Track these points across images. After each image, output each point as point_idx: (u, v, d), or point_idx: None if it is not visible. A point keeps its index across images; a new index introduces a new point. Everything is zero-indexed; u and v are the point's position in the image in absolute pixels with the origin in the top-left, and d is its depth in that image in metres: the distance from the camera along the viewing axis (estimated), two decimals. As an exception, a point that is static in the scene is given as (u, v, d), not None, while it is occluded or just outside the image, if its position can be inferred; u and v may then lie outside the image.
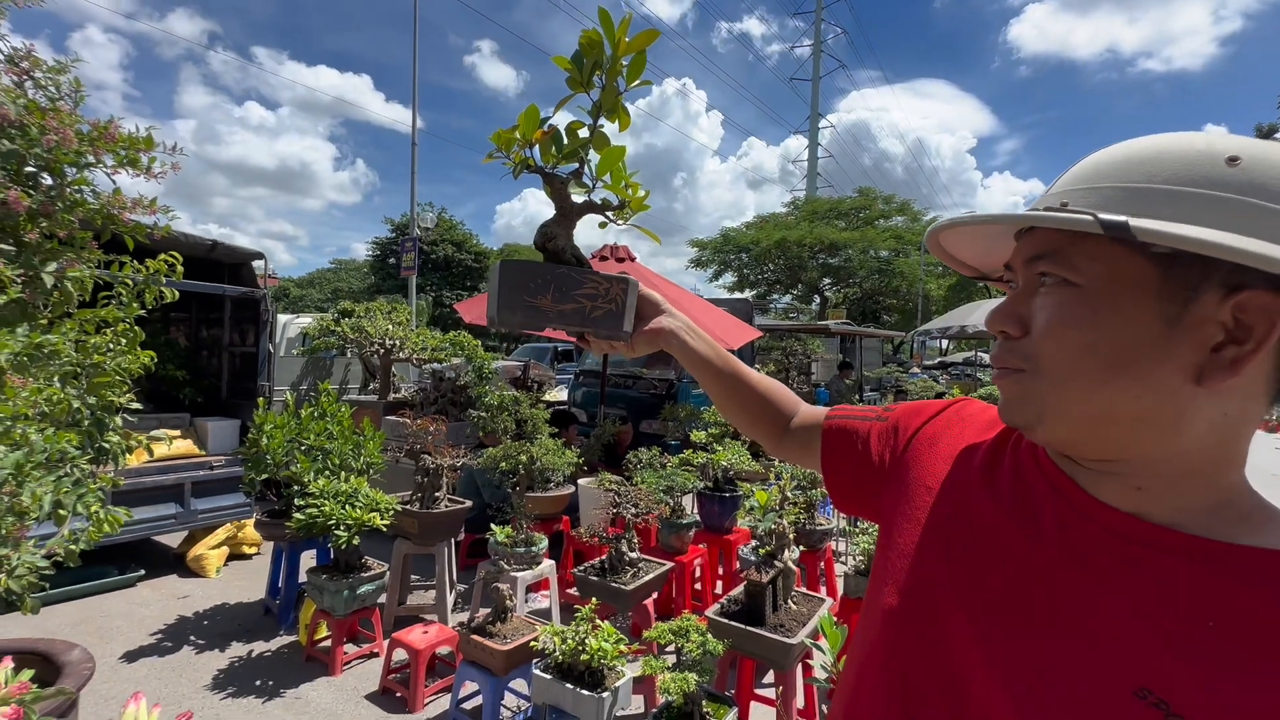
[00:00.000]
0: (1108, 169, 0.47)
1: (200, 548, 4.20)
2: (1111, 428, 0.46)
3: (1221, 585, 0.42)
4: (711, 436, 4.41)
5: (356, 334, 5.87)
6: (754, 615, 2.32)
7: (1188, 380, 0.43)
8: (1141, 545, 0.46)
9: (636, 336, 0.79)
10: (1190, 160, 0.43)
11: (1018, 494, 0.54)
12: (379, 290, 32.08)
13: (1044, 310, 0.48)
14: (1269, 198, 0.41)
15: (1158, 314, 0.43)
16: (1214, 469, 0.46)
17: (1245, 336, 0.41)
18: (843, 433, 0.76)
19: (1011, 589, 0.50)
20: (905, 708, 0.54)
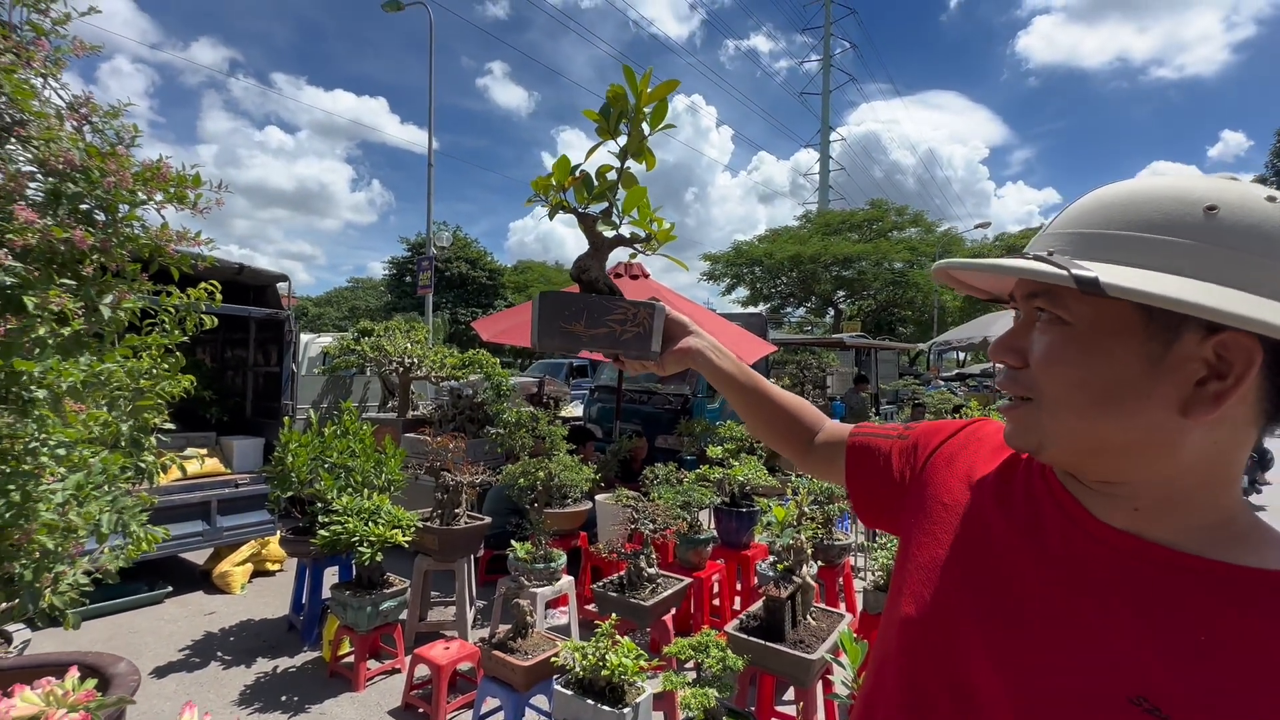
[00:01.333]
0: (1092, 214, 0.50)
1: (225, 565, 4.28)
2: (1106, 454, 0.49)
3: (1214, 602, 0.45)
4: (728, 451, 4.42)
5: (376, 353, 5.98)
6: (773, 631, 2.33)
7: (1174, 413, 0.45)
8: (1139, 562, 0.49)
9: (666, 356, 0.85)
10: (1168, 208, 0.46)
11: (1028, 512, 0.57)
12: (396, 308, 32.53)
13: (1039, 345, 0.51)
14: (1244, 248, 0.43)
15: (1143, 353, 0.46)
16: (1208, 492, 0.48)
17: (1226, 372, 0.44)
18: (866, 450, 0.80)
19: (1019, 600, 0.53)
20: (917, 710, 0.57)
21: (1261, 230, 0.44)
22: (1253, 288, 0.42)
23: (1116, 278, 0.42)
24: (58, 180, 1.09)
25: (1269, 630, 0.43)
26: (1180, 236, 0.45)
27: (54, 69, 1.19)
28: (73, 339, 1.11)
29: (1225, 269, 0.43)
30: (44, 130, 1.10)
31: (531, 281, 40.94)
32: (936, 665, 0.57)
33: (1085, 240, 0.49)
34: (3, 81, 1.07)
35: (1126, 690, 0.45)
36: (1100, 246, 0.47)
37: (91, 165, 1.11)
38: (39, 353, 1.00)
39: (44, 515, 1.06)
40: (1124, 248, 0.46)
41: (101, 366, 1.13)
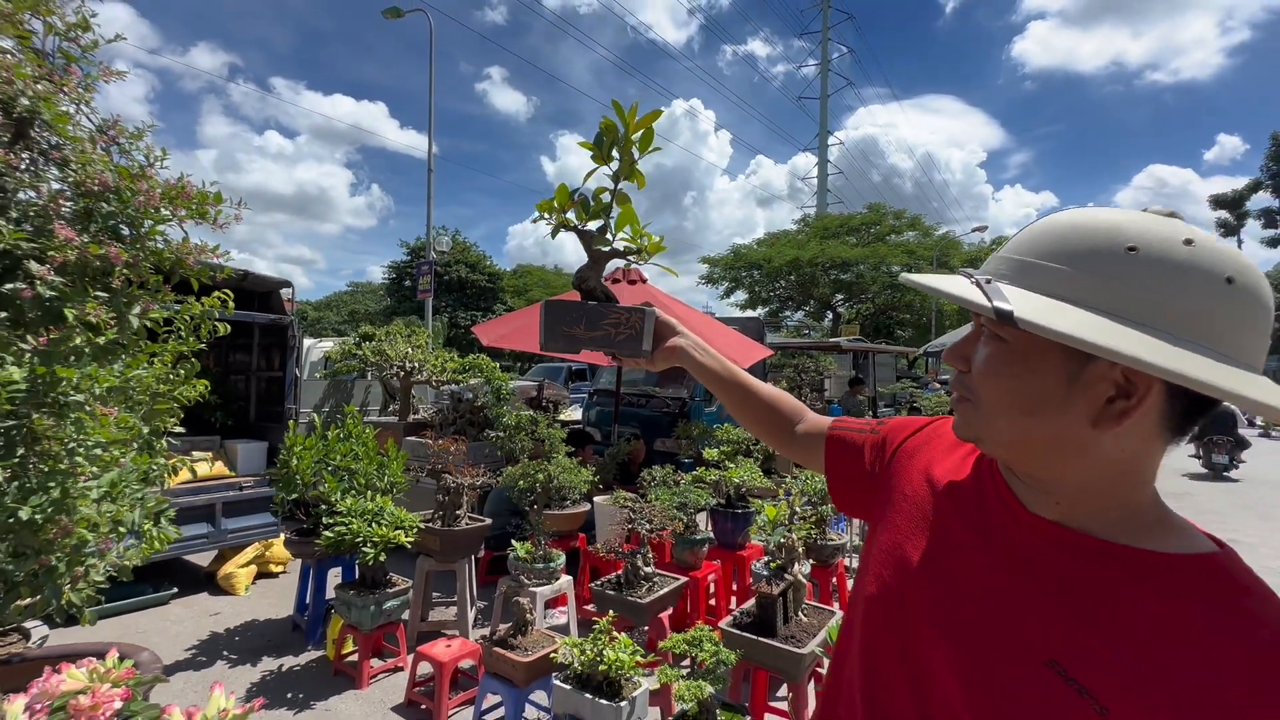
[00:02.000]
0: (1033, 242, 0.56)
1: (230, 566, 4.34)
2: (1030, 453, 0.58)
3: (1119, 579, 0.53)
4: (724, 454, 4.50)
5: (377, 357, 6.06)
6: (765, 627, 2.40)
7: (1087, 425, 0.53)
8: (1060, 547, 0.57)
9: (656, 354, 0.98)
10: (1095, 244, 0.52)
11: (975, 502, 0.65)
12: (395, 312, 32.61)
13: (980, 356, 0.59)
14: (1154, 289, 0.49)
15: (1062, 372, 0.53)
16: (1120, 489, 0.56)
17: (1132, 393, 0.51)
18: (842, 443, 0.89)
19: (962, 579, 0.61)
20: (872, 668, 0.65)
21: (1173, 272, 0.49)
22: (1153, 326, 0.48)
23: (1029, 312, 0.49)
24: (90, 200, 1.17)
25: (1160, 602, 0.51)
26: (1099, 273, 0.50)
27: (85, 95, 1.27)
28: (106, 347, 1.19)
29: (1133, 307, 0.49)
30: (80, 154, 1.19)
31: (530, 285, 41.02)
32: (891, 635, 0.65)
33: (1022, 267, 0.55)
34: (43, 110, 1.15)
35: (1043, 656, 0.53)
36: (1033, 274, 0.54)
37: (123, 186, 1.20)
38: (75, 360, 1.08)
39: (83, 510, 1.14)
40: (1052, 278, 0.52)
41: (134, 373, 1.21)
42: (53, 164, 1.19)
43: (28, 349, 1.04)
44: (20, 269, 1.06)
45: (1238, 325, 0.49)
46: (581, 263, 1.13)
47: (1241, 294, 0.49)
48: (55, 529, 1.11)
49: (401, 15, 14.83)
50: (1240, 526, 7.18)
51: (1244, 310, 0.49)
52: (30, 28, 1.23)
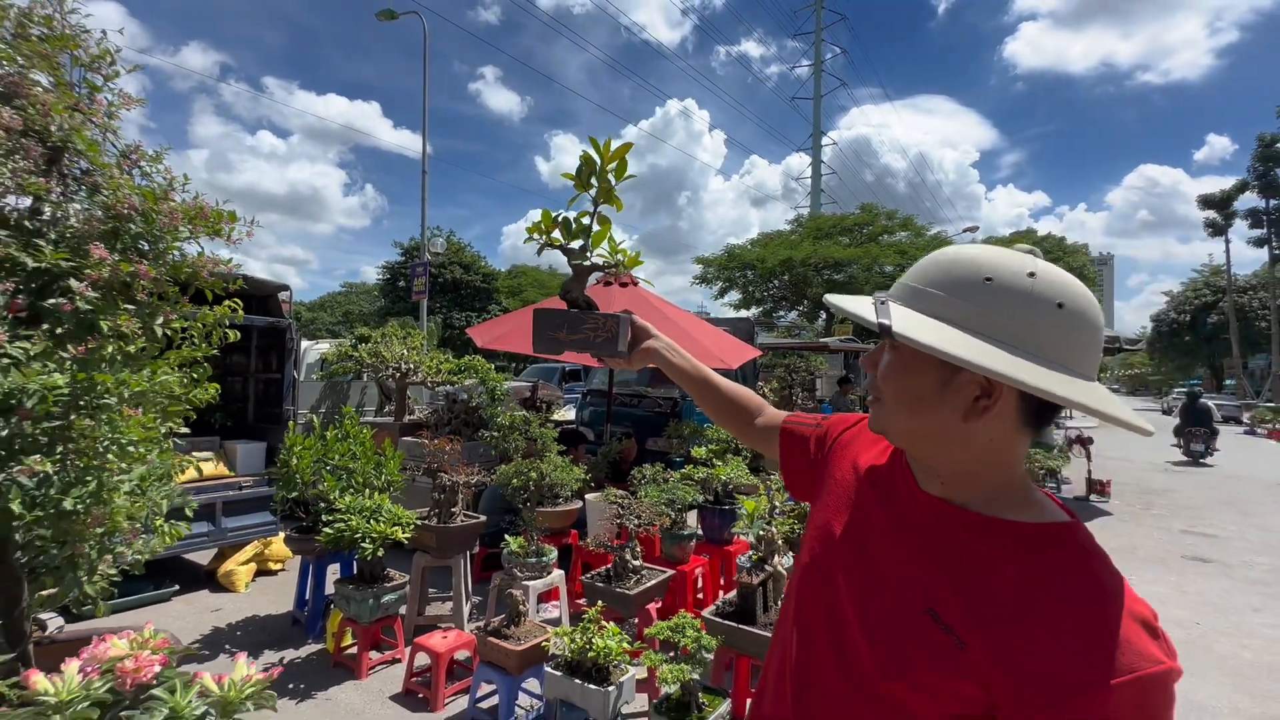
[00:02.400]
0: (922, 271, 0.69)
1: (230, 564, 4.44)
2: (919, 442, 0.71)
3: (986, 545, 0.65)
4: (712, 452, 4.62)
5: (373, 359, 6.15)
6: (746, 615, 2.53)
7: (959, 419, 0.65)
8: (942, 518, 0.69)
9: (633, 354, 1.11)
10: (963, 275, 0.65)
11: (886, 482, 0.78)
12: (389, 313, 32.61)
13: (882, 363, 0.72)
14: (1003, 312, 0.61)
15: (939, 377, 0.66)
16: (990, 472, 0.68)
17: (991, 393, 0.63)
18: (793, 435, 1.02)
19: (869, 545, 0.74)
20: (803, 622, 0.77)
21: (1017, 298, 0.62)
22: (1002, 341, 0.61)
23: (904, 328, 0.62)
24: (120, 222, 1.28)
25: (1017, 563, 0.63)
26: (965, 298, 0.64)
27: (109, 123, 1.38)
28: (135, 355, 1.30)
29: (989, 325, 0.62)
30: (110, 180, 1.30)
31: (525, 286, 41.04)
32: (816, 592, 0.77)
33: (914, 292, 0.68)
34: (75, 140, 1.26)
35: (924, 605, 0.65)
36: (921, 298, 0.67)
37: (149, 209, 1.31)
38: (108, 367, 1.19)
39: (118, 501, 1.25)
40: (933, 301, 0.66)
41: (161, 378, 1.32)
42: (84, 188, 1.30)
43: (67, 357, 1.15)
44: (58, 285, 1.17)
45: (1068, 341, 0.62)
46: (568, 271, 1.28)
47: (1071, 316, 0.62)
48: (90, 519, 1.22)
49: (395, 17, 14.90)
50: (1218, 521, 7.37)
51: (1073, 329, 0.62)
52: (58, 60, 1.34)
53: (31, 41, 1.26)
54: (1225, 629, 4.16)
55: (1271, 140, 28.73)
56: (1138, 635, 0.56)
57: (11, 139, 1.14)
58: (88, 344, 1.14)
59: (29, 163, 1.15)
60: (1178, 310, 41.82)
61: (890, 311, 0.65)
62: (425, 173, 15.01)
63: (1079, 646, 0.56)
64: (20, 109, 1.17)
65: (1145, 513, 7.75)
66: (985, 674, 0.59)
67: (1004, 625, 0.60)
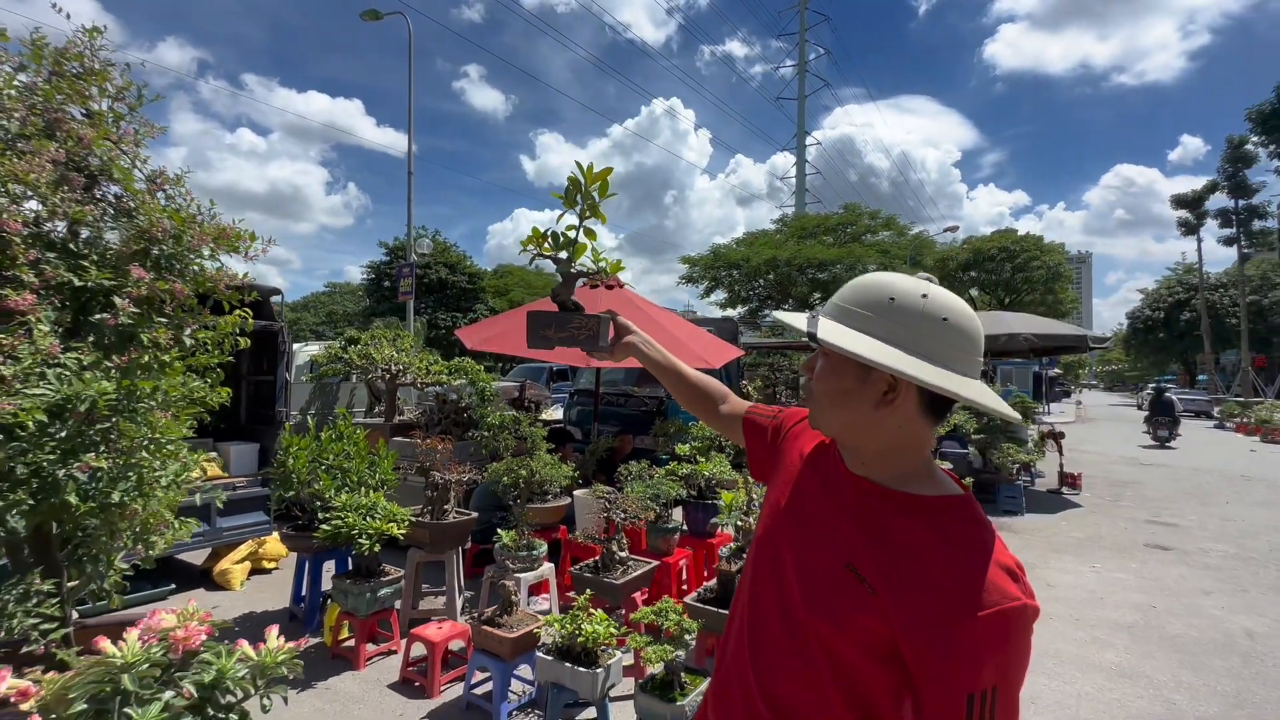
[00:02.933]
0: (847, 293, 0.86)
1: (225, 563, 4.54)
2: (845, 430, 0.87)
3: (894, 513, 0.82)
4: (696, 449, 4.80)
5: (363, 360, 6.25)
6: (725, 600, 2.70)
7: (873, 409, 0.82)
8: (861, 492, 0.86)
9: (614, 349, 1.30)
10: (874, 296, 0.83)
11: (823, 466, 0.95)
12: (374, 313, 32.43)
13: (816, 367, 0.89)
14: (903, 323, 0.79)
15: (856, 376, 0.83)
16: (901, 454, 0.85)
17: (896, 387, 0.81)
18: (754, 425, 1.20)
19: (808, 516, 0.90)
20: (756, 581, 0.94)
21: (913, 314, 0.80)
22: (903, 347, 0.78)
23: (827, 335, 0.79)
24: (150, 243, 1.41)
25: (918, 527, 0.80)
26: (875, 313, 0.81)
27: (136, 151, 1.50)
28: (166, 363, 1.43)
29: (894, 335, 0.79)
30: (143, 205, 1.42)
31: (511, 286, 40.96)
32: (766, 557, 0.94)
33: (842, 310, 0.85)
34: (112, 169, 1.38)
35: (845, 560, 0.82)
36: (844, 314, 0.84)
37: (180, 231, 1.44)
38: (146, 374, 1.31)
39: (158, 495, 1.38)
40: (852, 316, 0.83)
41: (195, 384, 1.45)
42: (120, 213, 1.43)
43: (111, 366, 1.28)
44: (98, 302, 1.29)
45: (952, 347, 0.79)
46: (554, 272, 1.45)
47: (953, 328, 0.80)
48: (128, 511, 1.35)
49: (380, 18, 14.88)
50: (1181, 511, 7.69)
51: (955, 338, 0.80)
52: (89, 93, 1.46)
53: (69, 79, 1.38)
54: (1178, 611, 4.41)
55: (1240, 142, 29.53)
56: (1002, 580, 0.73)
57: (58, 171, 1.27)
58: (130, 354, 1.28)
59: (75, 193, 1.28)
60: (1152, 308, 42.77)
61: (819, 324, 0.82)
62: (411, 173, 15.03)
63: (956, 588, 0.73)
64: (62, 142, 1.30)
65: (1113, 504, 8.06)
66: (888, 613, 0.76)
67: (903, 575, 0.77)
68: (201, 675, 1.15)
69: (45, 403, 1.11)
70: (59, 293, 1.26)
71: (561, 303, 1.40)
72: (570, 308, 1.38)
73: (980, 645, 0.71)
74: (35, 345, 1.14)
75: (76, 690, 0.98)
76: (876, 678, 0.79)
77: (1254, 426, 18.10)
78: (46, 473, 1.16)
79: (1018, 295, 31.35)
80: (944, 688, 0.72)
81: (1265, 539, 6.44)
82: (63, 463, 1.18)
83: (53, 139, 1.29)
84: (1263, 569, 5.43)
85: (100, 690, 1.01)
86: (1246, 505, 8.10)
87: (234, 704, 1.20)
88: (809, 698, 0.84)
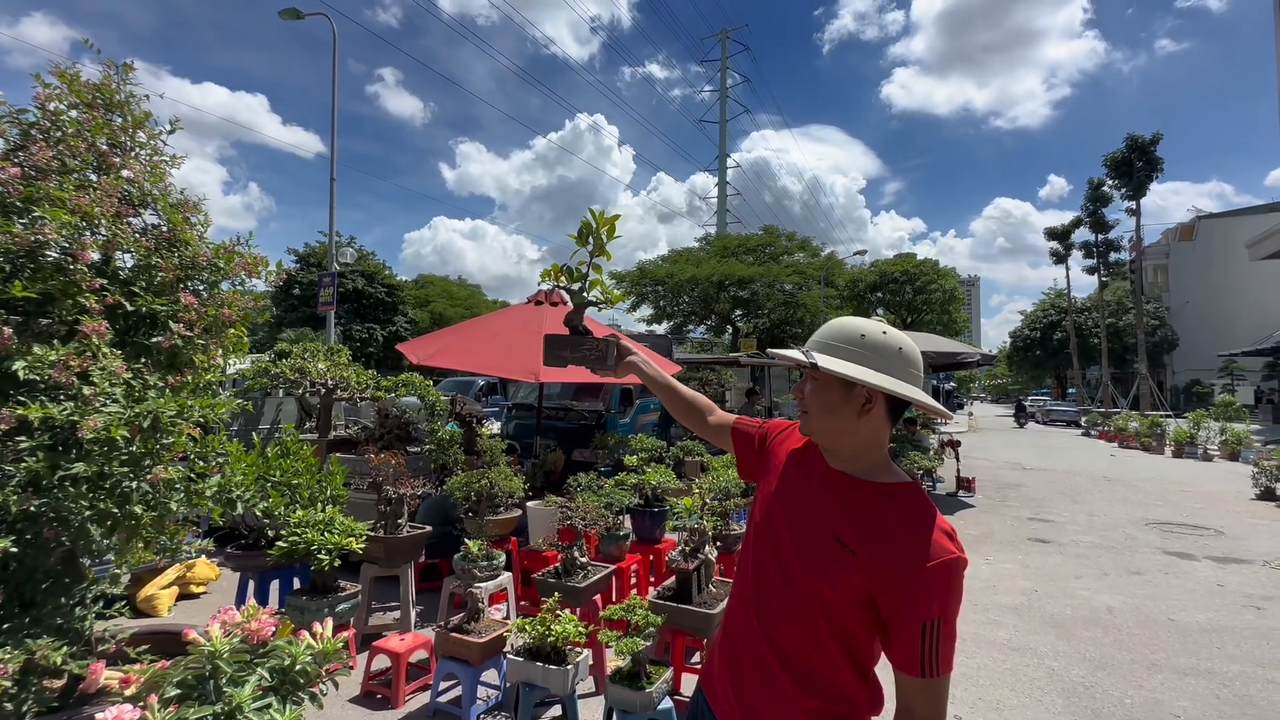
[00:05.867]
0: (827, 332, 1.16)
1: (150, 588, 4.31)
2: (831, 434, 1.16)
3: (866, 496, 1.11)
4: (641, 460, 5.05)
5: (296, 374, 6.07)
6: (683, 596, 2.96)
7: (854, 418, 1.12)
8: (841, 482, 1.15)
9: (619, 368, 1.51)
10: (848, 334, 1.13)
11: (807, 463, 1.23)
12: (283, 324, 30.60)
13: (808, 388, 1.17)
14: (875, 352, 1.09)
15: (841, 392, 1.12)
16: (869, 450, 1.15)
17: (873, 399, 1.10)
18: (743, 433, 1.47)
19: (798, 501, 1.18)
20: (758, 559, 1.20)
21: (878, 346, 1.11)
22: (875, 368, 1.08)
23: (824, 363, 1.08)
24: (191, 270, 1.50)
25: (884, 507, 1.09)
26: (851, 346, 1.11)
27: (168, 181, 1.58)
28: (207, 384, 1.51)
29: (867, 361, 1.09)
30: (187, 236, 1.50)
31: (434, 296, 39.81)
32: (767, 535, 1.21)
33: (825, 345, 1.15)
34: (160, 202, 1.46)
35: (831, 533, 1.10)
36: (829, 349, 1.13)
37: (218, 260, 1.53)
38: (192, 394, 1.40)
39: (208, 504, 1.46)
40: (835, 349, 1.12)
41: (235, 403, 1.53)
42: (164, 243, 1.50)
43: (164, 385, 1.36)
44: (144, 325, 1.37)
45: (905, 367, 1.12)
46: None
47: (905, 355, 1.12)
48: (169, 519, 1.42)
49: (301, 17, 14.33)
50: (1056, 509, 8.74)
51: (906, 362, 1.12)
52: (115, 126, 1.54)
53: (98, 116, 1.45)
54: (1055, 594, 5.11)
55: (1099, 184, 33.67)
56: (944, 540, 1.04)
57: (119, 206, 1.35)
58: (183, 374, 1.36)
59: (130, 225, 1.35)
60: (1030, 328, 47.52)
61: (815, 357, 1.11)
62: (334, 179, 14.51)
63: (912, 547, 1.03)
64: (114, 175, 1.38)
65: (1002, 504, 9.04)
66: (866, 568, 1.04)
67: (875, 540, 1.06)
68: (280, 660, 1.27)
69: (123, 419, 1.19)
70: (111, 318, 1.33)
71: (574, 328, 1.62)
72: (581, 332, 1.61)
73: (930, 586, 1.00)
74: (102, 366, 1.22)
75: (176, 675, 1.08)
76: (858, 619, 1.08)
77: (1113, 434, 20.61)
78: (116, 484, 1.23)
79: (918, 315, 34.05)
80: (906, 618, 1.01)
81: (1122, 530, 7.48)
82: (134, 475, 1.26)
83: (105, 172, 1.37)
84: (1120, 555, 6.35)
85: (201, 673, 1.11)
86: (1107, 502, 9.32)
87: (304, 684, 1.31)
88: (806, 638, 1.11)
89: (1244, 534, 7.38)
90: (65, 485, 1.19)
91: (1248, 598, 5.09)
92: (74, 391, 1.21)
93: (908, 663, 1.02)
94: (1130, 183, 31.26)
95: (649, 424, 9.04)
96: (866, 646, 1.10)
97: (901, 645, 1.02)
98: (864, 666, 1.11)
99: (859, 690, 1.10)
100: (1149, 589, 5.27)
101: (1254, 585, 5.42)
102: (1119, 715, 3.25)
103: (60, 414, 1.17)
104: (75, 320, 1.24)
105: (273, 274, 1.72)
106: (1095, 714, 3.26)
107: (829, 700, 1.10)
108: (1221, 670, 3.77)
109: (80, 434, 1.18)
